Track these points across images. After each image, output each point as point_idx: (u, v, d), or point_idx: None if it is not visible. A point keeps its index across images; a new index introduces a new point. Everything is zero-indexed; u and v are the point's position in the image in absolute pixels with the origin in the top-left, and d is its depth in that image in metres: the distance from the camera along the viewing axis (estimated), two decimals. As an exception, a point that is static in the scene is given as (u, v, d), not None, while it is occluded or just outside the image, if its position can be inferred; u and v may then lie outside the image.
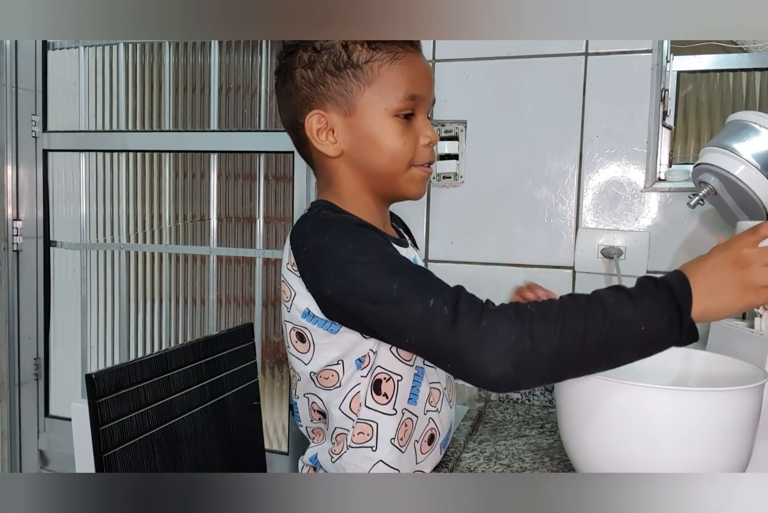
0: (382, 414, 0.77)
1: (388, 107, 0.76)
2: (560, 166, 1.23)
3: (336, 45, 0.75)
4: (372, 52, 0.75)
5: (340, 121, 0.77)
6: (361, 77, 0.75)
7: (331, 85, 0.76)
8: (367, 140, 0.77)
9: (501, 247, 1.27)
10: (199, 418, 1.02)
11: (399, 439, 0.78)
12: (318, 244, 0.71)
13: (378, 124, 0.76)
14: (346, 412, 0.77)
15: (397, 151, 0.77)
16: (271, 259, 1.58)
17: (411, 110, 0.77)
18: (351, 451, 0.77)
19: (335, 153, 0.78)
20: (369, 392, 0.76)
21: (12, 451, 1.74)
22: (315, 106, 0.77)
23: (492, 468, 0.89)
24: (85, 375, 0.83)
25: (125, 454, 0.86)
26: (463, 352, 0.62)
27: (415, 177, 0.80)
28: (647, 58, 1.17)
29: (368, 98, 0.75)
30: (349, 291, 0.68)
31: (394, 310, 0.65)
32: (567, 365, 0.62)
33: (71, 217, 1.75)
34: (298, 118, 0.79)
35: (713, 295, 0.62)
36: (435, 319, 0.63)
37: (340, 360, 0.76)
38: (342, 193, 0.80)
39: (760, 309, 0.97)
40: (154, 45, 1.67)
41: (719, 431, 0.67)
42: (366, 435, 0.77)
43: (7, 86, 1.65)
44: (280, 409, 1.61)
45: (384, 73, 0.75)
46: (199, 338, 1.07)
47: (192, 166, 1.67)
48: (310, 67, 0.76)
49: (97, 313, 1.77)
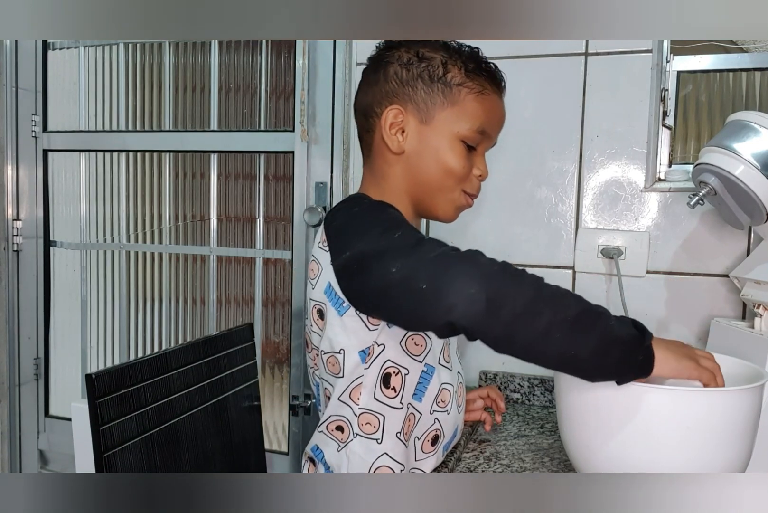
0: (390, 407, 0.78)
1: (459, 131, 0.81)
2: (560, 166, 1.23)
3: (437, 59, 0.81)
4: (465, 79, 0.81)
5: (414, 124, 0.81)
6: (448, 96, 0.80)
7: (419, 91, 0.81)
8: (430, 151, 0.81)
9: (501, 247, 1.27)
10: (199, 418, 1.02)
11: (404, 433, 0.79)
12: (346, 215, 0.76)
13: (446, 142, 0.81)
14: (345, 401, 0.78)
15: (454, 169, 0.82)
16: (271, 259, 1.58)
17: (476, 144, 0.83)
18: (358, 440, 0.78)
19: (398, 150, 0.82)
20: (379, 385, 0.77)
21: (12, 451, 1.74)
22: (396, 102, 0.81)
23: (492, 468, 0.89)
24: (85, 375, 0.83)
25: (125, 454, 0.86)
26: (439, 272, 0.63)
27: (457, 201, 0.85)
28: (647, 58, 1.17)
29: (446, 116, 0.81)
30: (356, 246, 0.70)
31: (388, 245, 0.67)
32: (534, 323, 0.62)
33: (71, 217, 1.75)
34: (375, 106, 0.83)
35: (667, 353, 0.67)
36: (425, 248, 0.66)
37: (342, 349, 0.77)
38: (386, 188, 0.84)
39: (760, 309, 0.97)
40: (154, 45, 1.67)
41: (719, 431, 0.67)
42: (372, 426, 0.78)
43: (7, 86, 1.65)
44: (280, 409, 1.61)
45: (469, 101, 0.81)
46: (199, 338, 1.07)
47: (192, 166, 1.66)
48: (407, 68, 0.81)
49: (97, 313, 1.77)
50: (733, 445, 0.68)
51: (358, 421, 0.78)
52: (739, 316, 1.15)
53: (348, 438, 0.79)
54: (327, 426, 0.81)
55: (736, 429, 0.67)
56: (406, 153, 0.82)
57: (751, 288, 0.99)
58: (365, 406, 0.78)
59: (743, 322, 1.04)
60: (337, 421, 0.80)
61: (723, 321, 1.05)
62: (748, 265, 1.02)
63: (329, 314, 0.78)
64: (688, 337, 1.17)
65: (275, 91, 1.57)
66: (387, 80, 0.82)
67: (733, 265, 1.12)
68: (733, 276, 1.07)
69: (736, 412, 0.67)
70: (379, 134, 0.82)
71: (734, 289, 1.12)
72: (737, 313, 1.15)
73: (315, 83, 1.41)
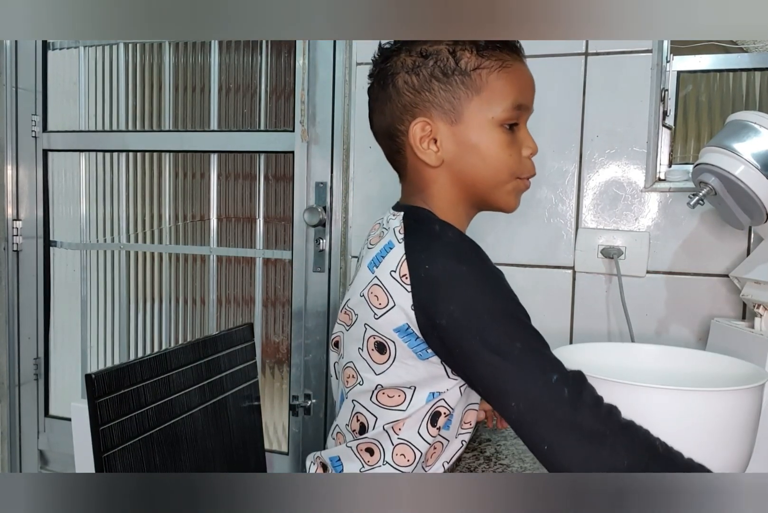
0: (427, 443, 0.75)
1: (495, 116, 0.74)
2: (560, 166, 1.23)
3: (443, 50, 0.73)
4: (480, 59, 0.73)
5: (445, 129, 0.74)
6: (470, 85, 0.73)
7: (437, 92, 0.73)
8: (472, 150, 0.74)
9: (501, 247, 1.27)
10: (199, 418, 1.02)
11: (425, 461, 0.76)
12: (450, 270, 0.68)
13: (485, 134, 0.74)
14: (388, 430, 0.74)
15: (503, 162, 0.75)
16: (271, 259, 1.58)
17: (516, 120, 0.76)
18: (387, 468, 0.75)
19: (437, 162, 0.75)
20: (426, 423, 0.74)
21: (12, 451, 1.74)
22: (419, 114, 0.74)
23: (492, 468, 0.89)
24: (85, 375, 0.83)
25: (125, 454, 0.86)
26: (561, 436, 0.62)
27: (516, 189, 0.78)
28: (647, 58, 1.17)
29: (476, 106, 0.73)
30: (470, 330, 0.65)
31: (511, 369, 0.64)
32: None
33: (71, 217, 1.75)
34: (397, 125, 0.76)
35: None
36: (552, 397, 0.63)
37: (414, 386, 0.73)
38: (436, 204, 0.77)
39: (760, 309, 0.97)
40: (154, 45, 1.67)
41: (719, 431, 0.67)
42: (407, 459, 0.74)
43: (7, 86, 1.65)
44: (280, 409, 1.61)
45: (492, 81, 0.73)
46: (199, 338, 1.07)
47: (192, 166, 1.67)
48: (415, 72, 0.74)
49: (97, 313, 1.77)
50: (733, 445, 0.68)
51: (394, 450, 0.74)
52: (739, 316, 1.15)
53: (377, 463, 0.75)
54: (358, 445, 0.77)
55: (736, 429, 0.67)
56: (446, 162, 0.75)
57: (751, 288, 0.99)
58: (406, 438, 0.74)
59: (743, 322, 1.04)
60: (370, 444, 0.76)
61: (723, 321, 1.05)
62: (748, 265, 1.02)
63: (401, 353, 0.71)
64: (688, 337, 1.17)
65: (275, 91, 1.57)
66: (400, 93, 0.74)
67: (733, 265, 1.12)
68: (733, 276, 1.07)
69: (736, 412, 0.67)
70: (411, 152, 0.75)
71: (734, 289, 1.11)
72: (737, 313, 1.15)
73: (315, 83, 1.41)
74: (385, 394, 0.74)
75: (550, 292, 1.24)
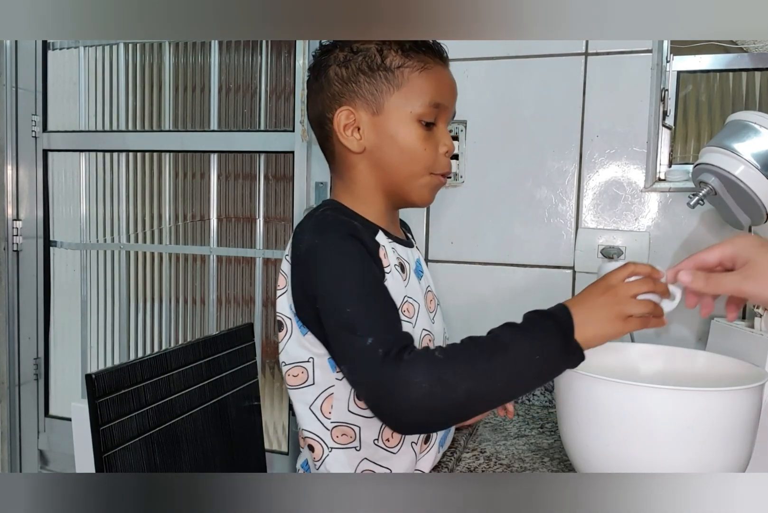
0: (365, 418, 0.77)
1: (413, 111, 0.79)
2: (560, 166, 1.23)
3: (372, 48, 0.79)
4: (404, 59, 0.79)
5: (367, 119, 0.80)
6: (392, 80, 0.79)
7: (362, 84, 0.79)
8: (390, 140, 0.80)
9: (501, 247, 1.27)
10: (199, 418, 1.02)
11: (384, 440, 0.78)
12: (309, 245, 0.74)
13: (402, 127, 0.79)
14: (317, 414, 0.78)
15: (418, 155, 0.80)
16: (271, 259, 1.58)
17: (433, 118, 0.81)
18: (335, 453, 0.77)
19: (358, 149, 0.81)
20: (352, 397, 0.77)
21: (12, 451, 1.74)
22: (345, 103, 0.80)
23: (492, 468, 0.89)
24: (85, 375, 0.83)
25: (125, 454, 0.86)
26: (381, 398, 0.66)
27: (429, 184, 0.83)
28: (647, 58, 1.17)
29: (396, 100, 0.79)
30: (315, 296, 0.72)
31: (340, 334, 0.70)
32: (478, 404, 0.67)
33: (71, 217, 1.75)
34: (326, 113, 0.82)
35: (590, 323, 0.67)
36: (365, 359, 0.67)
37: (311, 357, 0.78)
38: (356, 190, 0.83)
39: (760, 309, 0.97)
40: (154, 45, 1.67)
41: (719, 431, 0.67)
42: (349, 437, 0.77)
43: (7, 86, 1.65)
44: (280, 409, 1.61)
45: (413, 79, 0.79)
46: (199, 338, 1.07)
47: (192, 166, 1.67)
48: (345, 65, 0.80)
49: (97, 313, 1.77)
50: (733, 445, 0.68)
51: (332, 434, 0.77)
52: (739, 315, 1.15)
53: (323, 455, 0.78)
54: (305, 441, 0.80)
55: (736, 429, 0.67)
56: (367, 150, 0.81)
57: (751, 288, 0.99)
58: (339, 419, 0.77)
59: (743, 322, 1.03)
60: (308, 440, 0.79)
61: (723, 321, 1.05)
62: (748, 265, 1.02)
63: (293, 329, 0.79)
64: (688, 337, 1.17)
65: (275, 91, 1.57)
66: (330, 84, 0.81)
67: (733, 265, 1.12)
68: (733, 276, 1.06)
69: (736, 412, 0.67)
70: (337, 138, 0.81)
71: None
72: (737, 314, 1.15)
73: (315, 83, 1.41)
74: (290, 374, 0.80)
75: (550, 292, 1.24)
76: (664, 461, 0.67)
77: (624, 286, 0.68)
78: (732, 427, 0.67)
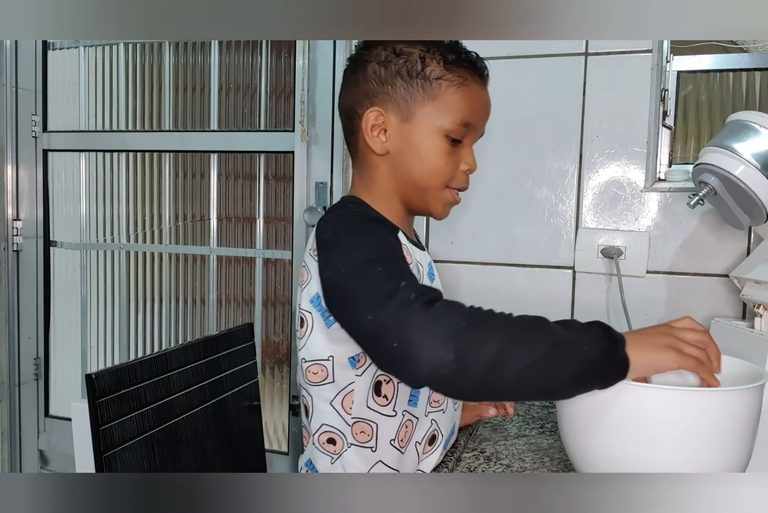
0: (382, 415, 0.77)
1: (442, 125, 0.79)
2: (560, 166, 1.23)
3: (415, 53, 0.78)
4: (444, 71, 0.78)
5: (395, 123, 0.79)
6: (428, 90, 0.78)
7: (398, 88, 0.79)
8: (414, 149, 0.79)
9: (501, 247, 1.27)
10: (199, 418, 1.02)
11: (399, 440, 0.78)
12: (334, 229, 0.74)
13: (428, 138, 0.79)
14: (338, 409, 0.77)
15: (438, 168, 0.80)
16: (271, 259, 1.58)
17: (461, 136, 0.80)
18: (353, 449, 0.77)
19: (381, 151, 0.80)
20: (371, 393, 0.77)
21: (12, 451, 1.74)
22: (377, 103, 0.79)
23: (492, 468, 0.89)
24: (85, 375, 0.83)
25: (125, 454, 0.86)
26: (410, 332, 0.60)
27: (445, 198, 0.83)
28: (647, 58, 1.17)
29: (427, 111, 0.78)
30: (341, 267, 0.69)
31: (366, 286, 0.66)
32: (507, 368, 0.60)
33: (71, 217, 1.75)
34: (356, 108, 0.81)
35: (641, 345, 0.65)
36: (398, 297, 0.62)
37: (331, 356, 0.77)
38: (375, 190, 0.83)
39: (760, 309, 0.97)
40: (154, 45, 1.67)
41: (719, 431, 0.67)
42: (366, 435, 0.77)
43: (7, 86, 1.65)
44: (280, 409, 1.61)
45: (449, 94, 0.78)
46: (199, 338, 1.07)
47: (192, 166, 1.67)
48: (385, 65, 0.79)
49: (97, 313, 1.77)
50: (733, 445, 0.68)
51: (352, 430, 0.77)
52: (739, 316, 1.15)
53: (342, 449, 0.78)
54: (318, 438, 0.79)
55: (736, 429, 0.67)
56: (390, 153, 0.80)
57: (751, 288, 0.99)
58: (358, 415, 0.77)
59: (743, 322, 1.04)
60: (328, 434, 0.78)
61: (723, 321, 1.05)
62: (748, 265, 1.02)
63: (315, 324, 0.77)
64: (688, 337, 1.17)
65: (275, 91, 1.57)
66: (366, 80, 0.80)
67: (733, 265, 1.12)
68: (733, 276, 1.07)
69: (736, 412, 0.67)
70: (362, 136, 0.81)
71: (734, 289, 1.11)
72: (737, 313, 1.15)
73: (315, 83, 1.41)
74: (310, 371, 0.78)
75: (550, 292, 1.24)
76: (665, 461, 0.67)
77: (680, 329, 0.68)
78: (732, 428, 0.67)
